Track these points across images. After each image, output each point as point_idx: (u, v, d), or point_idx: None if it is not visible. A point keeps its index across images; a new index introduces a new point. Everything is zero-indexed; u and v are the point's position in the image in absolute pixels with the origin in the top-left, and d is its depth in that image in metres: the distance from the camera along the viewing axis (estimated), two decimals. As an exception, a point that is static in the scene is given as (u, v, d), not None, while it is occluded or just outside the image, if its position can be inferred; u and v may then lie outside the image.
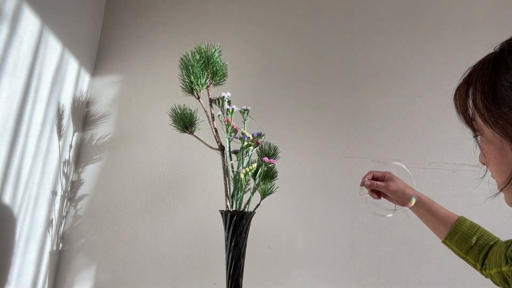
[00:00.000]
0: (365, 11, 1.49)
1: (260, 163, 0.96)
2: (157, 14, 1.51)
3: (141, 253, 1.26)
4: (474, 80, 0.48)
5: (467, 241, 0.74)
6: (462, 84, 0.50)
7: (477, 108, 0.47)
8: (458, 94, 0.51)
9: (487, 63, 0.47)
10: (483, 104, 0.45)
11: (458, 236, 0.75)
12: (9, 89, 0.98)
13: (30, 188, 1.09)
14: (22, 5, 1.02)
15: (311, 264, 1.24)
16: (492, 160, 0.48)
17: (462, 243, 0.74)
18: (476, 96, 0.47)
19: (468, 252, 0.74)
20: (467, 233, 0.74)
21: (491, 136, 0.47)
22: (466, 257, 0.75)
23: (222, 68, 1.01)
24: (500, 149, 0.46)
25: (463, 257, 0.75)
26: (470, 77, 0.49)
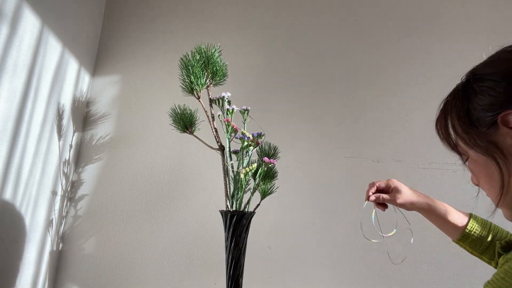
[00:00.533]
0: (365, 12, 1.49)
1: (260, 163, 0.96)
2: (157, 14, 1.51)
3: (141, 253, 1.26)
4: (449, 109, 0.53)
5: (482, 241, 0.74)
6: (440, 115, 0.55)
7: (457, 133, 0.51)
8: (439, 124, 0.55)
9: (457, 93, 0.52)
10: (461, 129, 0.50)
11: (471, 239, 0.75)
12: (9, 89, 0.98)
13: (30, 188, 1.09)
14: (22, 5, 1.02)
15: (311, 264, 1.24)
16: (483, 179, 0.52)
17: (476, 244, 0.75)
18: (454, 123, 0.52)
19: (483, 252, 0.74)
20: (481, 233, 0.75)
21: (475, 157, 0.50)
22: (482, 257, 0.75)
23: (222, 68, 1.01)
24: (487, 167, 0.49)
25: (478, 256, 0.75)
26: (445, 107, 0.54)
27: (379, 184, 0.84)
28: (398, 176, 1.30)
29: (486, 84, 0.48)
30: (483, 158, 0.49)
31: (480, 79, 0.49)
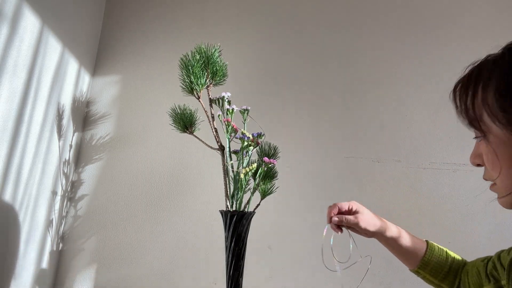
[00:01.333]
0: (366, 12, 1.49)
1: (260, 163, 0.96)
2: (157, 14, 1.51)
3: (141, 253, 1.26)
4: (485, 77, 0.44)
5: (442, 268, 0.71)
6: (468, 81, 0.47)
7: (489, 107, 0.43)
8: (462, 92, 0.47)
9: (501, 59, 0.43)
10: (497, 104, 0.42)
11: (431, 266, 0.72)
12: (9, 89, 0.98)
13: (30, 188, 1.09)
14: (22, 5, 1.02)
15: (311, 264, 1.24)
16: (501, 162, 0.45)
17: (436, 271, 0.71)
18: (487, 95, 0.43)
19: (443, 280, 0.72)
20: (440, 261, 0.72)
21: (503, 138, 0.43)
22: (441, 285, 0.72)
23: (222, 68, 1.01)
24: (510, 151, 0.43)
25: (438, 284, 0.72)
26: (481, 73, 0.45)
27: (341, 206, 0.79)
28: (398, 176, 1.30)
29: None
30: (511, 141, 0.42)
31: None
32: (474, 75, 0.46)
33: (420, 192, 1.28)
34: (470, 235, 1.23)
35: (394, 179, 1.30)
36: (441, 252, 0.73)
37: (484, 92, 0.44)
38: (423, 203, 1.27)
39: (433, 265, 0.71)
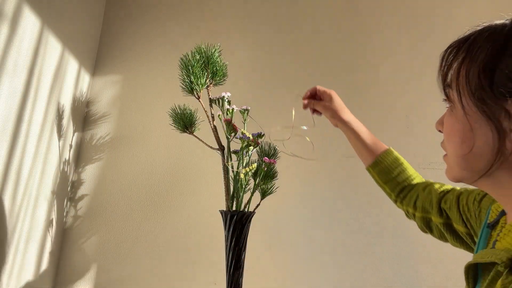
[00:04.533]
0: (366, 11, 1.49)
1: (260, 163, 0.96)
2: (157, 14, 1.51)
3: (141, 253, 1.26)
4: (476, 48, 0.43)
5: (388, 173, 0.76)
6: (459, 47, 0.46)
7: (467, 80, 0.43)
8: (451, 56, 0.47)
9: (498, 35, 0.42)
10: (477, 80, 0.42)
11: (380, 167, 0.77)
12: (9, 89, 0.98)
13: (30, 188, 1.09)
14: (22, 5, 1.02)
15: (311, 264, 1.24)
16: (457, 133, 0.45)
17: (383, 174, 0.77)
18: (471, 68, 0.43)
19: (386, 183, 0.77)
20: (390, 166, 0.77)
21: (468, 113, 0.43)
22: (384, 186, 0.78)
23: (222, 68, 1.01)
24: (471, 125, 0.43)
25: (381, 185, 0.79)
26: (474, 43, 0.44)
27: (320, 88, 0.87)
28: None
29: None
30: (477, 117, 0.42)
31: None
32: (468, 43, 0.45)
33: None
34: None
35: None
36: (397, 161, 0.78)
37: (469, 63, 0.43)
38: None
39: (383, 167, 0.77)
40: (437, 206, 0.66)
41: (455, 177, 0.48)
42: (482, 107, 0.41)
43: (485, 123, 0.41)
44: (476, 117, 0.42)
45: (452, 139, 0.46)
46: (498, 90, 0.40)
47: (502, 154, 0.40)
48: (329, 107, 0.82)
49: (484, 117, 0.41)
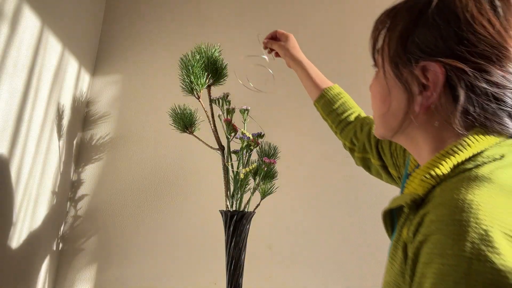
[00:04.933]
0: (366, 11, 1.49)
1: (260, 163, 0.96)
2: (157, 14, 1.51)
3: (141, 253, 1.26)
4: (398, 17, 0.48)
5: (330, 105, 0.82)
6: (389, 13, 0.50)
7: (388, 46, 0.48)
8: (381, 22, 0.51)
9: (416, 6, 0.46)
10: (395, 47, 0.46)
11: (324, 100, 0.83)
12: (9, 89, 0.98)
13: (30, 188, 1.09)
14: (22, 5, 1.02)
15: (311, 264, 1.24)
16: (380, 94, 0.51)
17: (326, 106, 0.83)
18: (392, 35, 0.47)
19: (328, 115, 0.83)
20: (333, 98, 0.82)
21: (388, 78, 0.48)
22: (327, 119, 0.84)
23: (222, 68, 1.01)
24: (389, 88, 0.48)
25: (325, 118, 0.85)
26: (398, 11, 0.48)
27: (279, 30, 0.94)
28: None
29: (440, 21, 0.43)
30: (393, 81, 0.47)
31: (441, 11, 0.44)
32: (393, 11, 0.49)
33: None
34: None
35: (394, 179, 1.30)
36: (341, 94, 0.83)
37: (391, 31, 0.48)
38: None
39: (326, 100, 0.83)
40: (376, 149, 0.71)
41: (378, 134, 0.54)
42: (396, 72, 0.46)
43: (399, 86, 0.46)
44: (393, 81, 0.47)
45: (374, 100, 0.53)
46: (410, 57, 0.45)
47: (412, 113, 0.45)
48: (283, 46, 0.90)
49: (398, 81, 0.46)
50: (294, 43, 0.91)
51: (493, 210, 0.33)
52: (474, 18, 0.41)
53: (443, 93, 0.43)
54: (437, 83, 0.43)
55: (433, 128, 0.45)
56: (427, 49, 0.43)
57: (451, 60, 0.42)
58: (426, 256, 0.35)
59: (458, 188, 0.37)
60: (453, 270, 0.32)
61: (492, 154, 0.40)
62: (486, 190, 0.35)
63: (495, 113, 0.41)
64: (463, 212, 0.34)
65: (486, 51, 0.41)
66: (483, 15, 0.42)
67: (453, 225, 0.34)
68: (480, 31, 0.41)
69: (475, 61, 0.41)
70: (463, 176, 0.39)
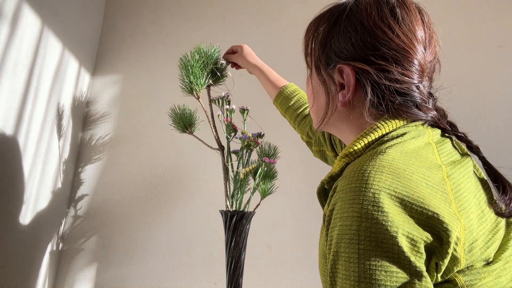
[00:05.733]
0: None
1: (260, 163, 0.96)
2: (157, 14, 1.51)
3: (141, 253, 1.26)
4: (321, 23, 0.55)
5: (287, 101, 0.88)
6: (317, 21, 0.56)
7: (313, 51, 0.56)
8: (311, 29, 0.57)
9: (334, 14, 0.53)
10: (318, 52, 0.55)
11: (282, 97, 0.89)
12: (9, 89, 0.98)
13: (30, 188, 1.09)
14: (22, 5, 1.02)
15: (311, 264, 1.24)
16: (307, 93, 0.62)
17: (283, 103, 0.89)
18: (316, 41, 0.55)
19: (286, 111, 0.89)
20: (289, 95, 0.88)
21: (311, 77, 0.59)
22: (285, 116, 0.90)
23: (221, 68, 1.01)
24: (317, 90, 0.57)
25: (284, 115, 0.91)
26: (322, 18, 0.55)
27: (234, 45, 1.01)
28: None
29: (345, 29, 0.51)
30: (317, 81, 0.56)
31: (350, 20, 0.51)
32: (319, 19, 0.56)
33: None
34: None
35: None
36: (297, 91, 0.89)
37: (316, 37, 0.55)
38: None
39: (283, 97, 0.89)
40: (329, 141, 0.78)
41: (314, 126, 0.62)
42: (318, 74, 0.55)
43: (321, 86, 0.55)
44: (317, 81, 0.56)
45: (308, 97, 0.62)
46: (328, 61, 0.53)
47: (333, 108, 0.53)
48: (239, 56, 0.97)
49: (320, 81, 0.55)
50: (249, 51, 0.97)
51: (381, 176, 0.39)
52: (376, 25, 0.48)
53: (357, 90, 0.50)
54: (349, 82, 0.50)
55: (353, 119, 0.52)
56: (341, 54, 0.51)
57: (358, 63, 0.49)
58: (332, 222, 0.41)
59: (359, 162, 0.43)
60: (348, 229, 0.38)
61: (396, 134, 0.46)
62: (378, 161, 0.41)
63: (402, 104, 0.48)
64: (357, 180, 0.40)
65: (386, 54, 0.48)
66: (384, 22, 0.48)
67: (350, 191, 0.40)
68: (381, 36, 0.48)
69: (378, 63, 0.48)
70: (368, 153, 0.45)
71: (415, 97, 0.48)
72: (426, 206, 0.37)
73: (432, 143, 0.46)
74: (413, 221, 0.37)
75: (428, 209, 0.37)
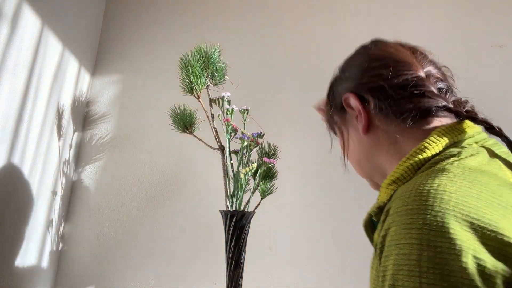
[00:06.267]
0: (367, 11, 1.49)
1: (260, 163, 0.96)
2: (157, 14, 1.51)
3: (141, 253, 1.26)
4: (328, 103, 0.61)
5: None
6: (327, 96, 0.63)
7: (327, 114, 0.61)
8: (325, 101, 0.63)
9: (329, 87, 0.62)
10: (327, 107, 0.61)
11: None
12: (9, 89, 0.98)
13: (30, 188, 1.09)
14: (22, 5, 1.02)
15: (311, 264, 1.24)
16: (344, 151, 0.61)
17: None
18: (327, 107, 0.61)
19: None
20: None
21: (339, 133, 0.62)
22: None
23: (222, 68, 1.01)
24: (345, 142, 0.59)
25: None
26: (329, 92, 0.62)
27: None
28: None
29: (340, 74, 0.58)
30: (340, 130, 0.58)
31: (340, 70, 0.58)
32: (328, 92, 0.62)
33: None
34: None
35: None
36: None
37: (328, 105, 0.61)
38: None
39: None
40: None
41: (363, 176, 0.61)
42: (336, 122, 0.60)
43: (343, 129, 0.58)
44: (340, 130, 0.60)
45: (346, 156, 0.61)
46: (332, 104, 0.58)
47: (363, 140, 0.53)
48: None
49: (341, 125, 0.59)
50: None
51: (443, 196, 0.33)
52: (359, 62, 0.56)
53: (368, 112, 0.51)
54: (357, 106, 0.51)
55: (386, 143, 0.50)
56: (341, 93, 0.55)
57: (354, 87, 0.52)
58: (386, 249, 0.36)
59: (414, 182, 0.38)
60: (406, 258, 0.33)
61: (450, 152, 0.42)
62: (438, 179, 0.36)
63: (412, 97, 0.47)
64: (415, 201, 0.34)
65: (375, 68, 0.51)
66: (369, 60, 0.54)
67: (406, 214, 0.34)
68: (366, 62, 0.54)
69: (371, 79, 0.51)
70: (424, 173, 0.40)
71: (424, 86, 0.47)
72: (500, 231, 0.31)
73: (496, 158, 0.41)
74: (485, 248, 0.31)
75: (503, 234, 0.31)
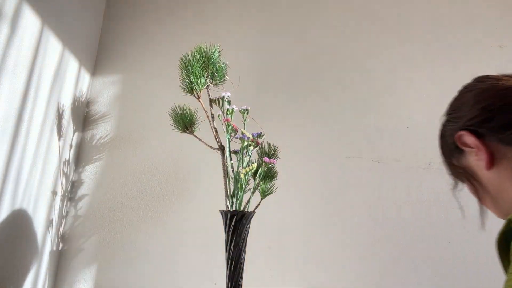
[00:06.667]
0: (366, 10, 1.49)
1: (260, 163, 0.96)
2: (157, 14, 1.51)
3: (141, 253, 1.26)
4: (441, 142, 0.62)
5: None
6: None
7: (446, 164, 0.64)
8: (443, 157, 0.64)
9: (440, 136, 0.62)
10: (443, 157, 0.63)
11: None
12: (9, 89, 0.98)
13: (30, 188, 1.09)
14: (22, 5, 1.02)
15: (311, 264, 1.24)
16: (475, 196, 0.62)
17: None
18: (443, 161, 0.64)
19: None
20: None
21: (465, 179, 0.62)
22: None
23: (222, 68, 1.01)
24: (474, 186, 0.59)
25: None
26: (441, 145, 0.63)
27: None
28: (398, 176, 1.30)
29: (448, 117, 0.58)
30: (466, 173, 0.57)
31: (447, 113, 0.58)
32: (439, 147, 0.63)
33: (419, 192, 1.28)
34: (470, 235, 1.23)
35: (394, 179, 1.30)
36: None
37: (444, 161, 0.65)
38: (423, 203, 1.27)
39: None
40: None
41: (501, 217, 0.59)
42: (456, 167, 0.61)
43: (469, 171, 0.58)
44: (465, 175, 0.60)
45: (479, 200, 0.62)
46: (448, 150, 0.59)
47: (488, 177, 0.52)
48: None
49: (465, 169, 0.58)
50: None
51: None
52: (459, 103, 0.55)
53: (493, 147, 0.50)
54: (474, 142, 0.50)
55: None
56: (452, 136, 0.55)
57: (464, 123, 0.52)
58: None
59: None
60: None
61: None
62: None
63: None
64: None
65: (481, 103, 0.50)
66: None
67: None
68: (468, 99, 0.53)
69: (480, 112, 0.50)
70: None
71: None
72: None
73: None
74: None
75: None
